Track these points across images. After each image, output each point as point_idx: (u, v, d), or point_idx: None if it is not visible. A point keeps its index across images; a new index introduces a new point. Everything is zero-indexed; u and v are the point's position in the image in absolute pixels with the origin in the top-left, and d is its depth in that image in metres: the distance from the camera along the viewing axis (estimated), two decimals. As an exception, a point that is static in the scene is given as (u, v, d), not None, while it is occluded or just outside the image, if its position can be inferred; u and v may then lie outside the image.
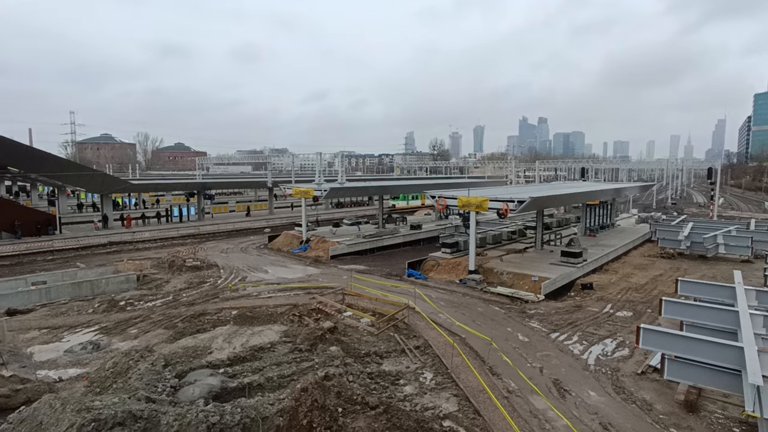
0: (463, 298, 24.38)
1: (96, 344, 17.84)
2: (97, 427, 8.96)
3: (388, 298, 22.96)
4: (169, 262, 31.14)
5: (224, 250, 38.33)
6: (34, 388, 13.02)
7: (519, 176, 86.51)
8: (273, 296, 24.48)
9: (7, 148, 40.03)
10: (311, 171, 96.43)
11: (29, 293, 23.85)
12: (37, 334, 19.37)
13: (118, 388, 12.00)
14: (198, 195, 57.50)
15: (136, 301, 23.80)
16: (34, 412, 9.66)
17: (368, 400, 12.11)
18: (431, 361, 16.55)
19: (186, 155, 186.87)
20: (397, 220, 48.60)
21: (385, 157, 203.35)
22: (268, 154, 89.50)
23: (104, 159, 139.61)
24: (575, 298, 24.75)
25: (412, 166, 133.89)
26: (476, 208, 26.76)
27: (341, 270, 30.92)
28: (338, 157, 59.26)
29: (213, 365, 14.51)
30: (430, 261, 30.91)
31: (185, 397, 11.74)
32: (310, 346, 16.32)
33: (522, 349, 17.64)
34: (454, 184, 55.48)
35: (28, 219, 42.46)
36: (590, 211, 42.08)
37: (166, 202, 74.04)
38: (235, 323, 19.21)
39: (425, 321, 19.98)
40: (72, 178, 47.49)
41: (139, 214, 55.13)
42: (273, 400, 11.28)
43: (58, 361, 16.58)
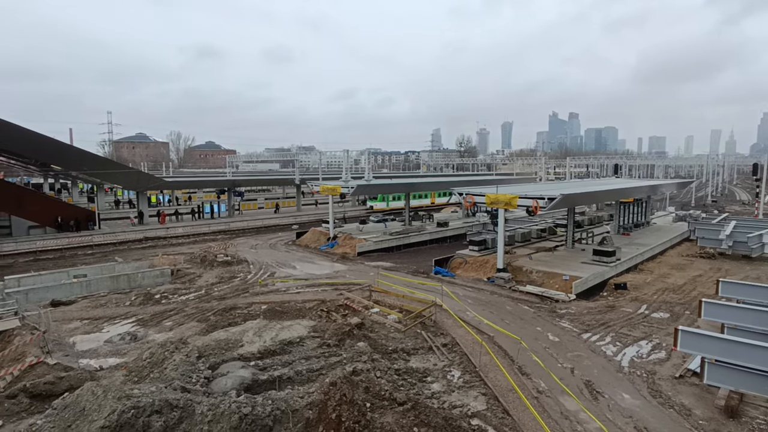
0: (491, 297, 24.10)
1: (133, 335, 18.54)
2: (136, 414, 9.32)
3: (415, 295, 22.90)
4: (201, 258, 31.99)
5: (253, 246, 39.09)
6: (77, 375, 13.63)
7: (549, 173, 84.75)
8: (301, 292, 24.81)
9: (51, 147, 41.95)
10: (338, 168, 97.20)
11: (71, 286, 24.97)
12: (79, 324, 20.28)
13: (155, 377, 12.43)
14: (228, 192, 58.79)
15: (171, 294, 24.56)
16: (78, 399, 10.12)
17: (396, 396, 12.13)
18: (459, 359, 16.44)
19: (216, 153, 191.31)
20: (423, 218, 48.40)
21: (411, 154, 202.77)
22: (296, 152, 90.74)
23: (139, 157, 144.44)
24: (608, 298, 24.08)
25: (438, 163, 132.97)
26: (505, 205, 26.35)
27: (368, 267, 31.05)
28: (365, 155, 59.56)
29: (244, 358, 14.83)
30: (458, 258, 30.67)
31: (218, 388, 12.06)
32: (338, 342, 16.47)
33: (552, 349, 17.29)
34: (481, 181, 54.86)
35: (69, 215, 44.43)
36: (624, 208, 40.80)
37: (198, 198, 76.10)
38: (265, 317, 19.57)
39: (453, 319, 19.85)
40: (110, 175, 49.37)
41: (172, 211, 56.86)
42: (302, 393, 11.45)
43: (99, 351, 17.32)
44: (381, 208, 62.18)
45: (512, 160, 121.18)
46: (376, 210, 61.65)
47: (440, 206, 64.39)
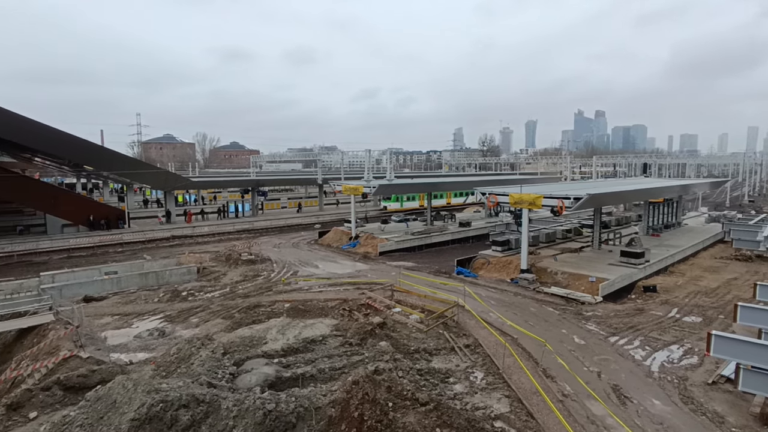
0: (514, 298, 23.77)
1: (161, 331, 19.03)
2: (164, 407, 9.56)
3: (437, 295, 22.79)
4: (226, 256, 32.60)
5: (277, 245, 39.60)
6: (108, 369, 14.07)
7: (574, 172, 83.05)
8: (323, 290, 25.00)
9: (83, 149, 43.53)
10: (359, 168, 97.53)
11: (103, 282, 25.81)
12: (110, 320, 20.94)
13: (182, 372, 12.72)
14: (252, 192, 59.72)
15: (197, 291, 25.10)
16: (109, 391, 10.44)
17: (418, 397, 12.08)
18: (482, 360, 16.27)
19: (240, 153, 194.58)
20: (445, 218, 48.11)
21: (433, 153, 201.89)
22: (318, 152, 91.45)
23: (166, 158, 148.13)
24: (636, 301, 23.43)
25: (460, 163, 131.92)
26: (529, 205, 25.95)
27: (390, 266, 31.05)
28: (386, 154, 59.58)
29: (268, 355, 15.04)
30: (480, 259, 30.36)
31: (243, 384, 12.26)
32: (360, 341, 16.52)
33: (578, 352, 16.93)
34: (504, 181, 54.14)
35: (101, 214, 45.94)
36: (653, 209, 39.62)
37: (223, 198, 77.53)
38: (288, 315, 19.79)
39: (475, 320, 19.66)
40: (139, 175, 50.83)
41: (198, 210, 58.13)
42: (325, 391, 11.53)
43: (129, 346, 17.84)
44: (395, 209, 61.22)
45: (536, 160, 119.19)
46: (390, 210, 60.78)
47: (456, 206, 63.37)
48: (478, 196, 65.85)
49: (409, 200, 63.54)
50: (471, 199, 67.06)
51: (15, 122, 36.27)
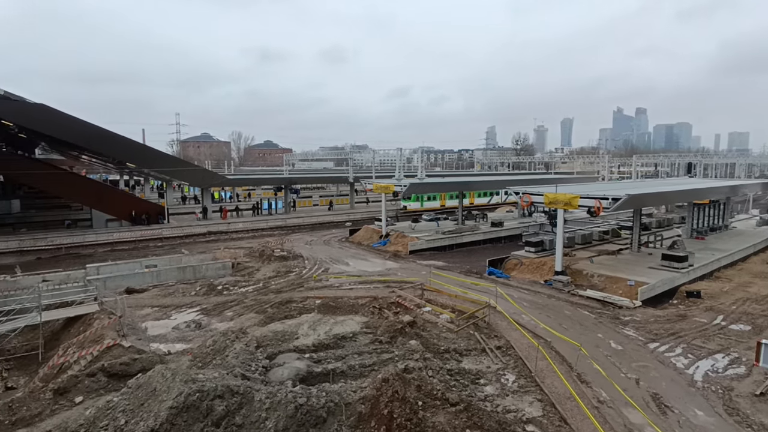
0: (548, 300, 23.22)
1: (198, 323, 19.67)
2: (201, 397, 9.87)
3: (467, 295, 22.55)
4: (259, 252, 33.32)
5: (308, 242, 40.17)
6: (148, 358, 14.65)
7: (612, 172, 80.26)
8: (354, 288, 25.18)
9: (127, 147, 45.48)
10: (390, 167, 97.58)
11: (143, 275, 26.90)
12: (150, 311, 21.80)
13: (217, 364, 13.09)
14: (285, 189, 60.81)
15: (231, 286, 25.79)
16: (149, 380, 10.87)
17: (448, 397, 11.99)
18: (513, 362, 15.98)
19: (274, 152, 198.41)
20: (477, 217, 47.53)
21: (465, 152, 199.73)
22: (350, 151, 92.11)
23: (203, 156, 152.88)
24: (678, 307, 22.45)
25: (493, 162, 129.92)
26: (564, 205, 25.27)
27: (420, 265, 30.94)
28: (418, 153, 59.20)
29: (299, 350, 15.27)
30: (513, 260, 29.82)
31: (275, 378, 12.50)
32: (390, 339, 16.53)
33: (615, 358, 16.38)
34: (539, 180, 53.00)
35: (142, 209, 47.88)
36: (698, 210, 37.83)
37: (257, 195, 79.28)
38: (319, 312, 20.04)
39: (507, 321, 19.32)
40: (178, 173, 52.66)
41: (233, 207, 59.66)
42: (355, 388, 11.60)
43: (167, 336, 18.52)
44: (414, 209, 59.23)
45: (572, 159, 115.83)
46: (410, 210, 59.05)
47: (480, 206, 61.57)
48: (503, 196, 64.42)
49: (430, 200, 61.62)
50: (496, 199, 65.58)
51: (65, 122, 38.27)
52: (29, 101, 37.07)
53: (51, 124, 38.88)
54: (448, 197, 62.74)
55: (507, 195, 66.55)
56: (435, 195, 61.42)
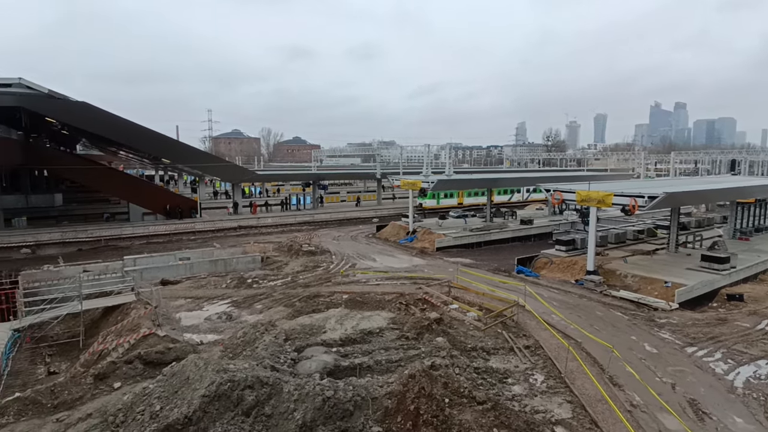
0: (579, 300, 22.66)
1: (229, 315, 20.17)
2: (231, 387, 10.13)
3: (495, 293, 22.28)
4: (288, 246, 33.85)
5: (336, 238, 40.52)
6: (182, 347, 15.13)
7: (648, 169, 77.34)
8: (381, 284, 25.24)
9: (162, 143, 47.02)
10: (418, 163, 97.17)
11: (177, 267, 27.76)
12: (183, 302, 22.49)
13: (247, 355, 13.39)
14: (313, 185, 61.46)
15: (261, 279, 26.30)
16: (183, 368, 11.22)
17: (475, 395, 11.89)
18: (542, 362, 15.70)
19: (302, 148, 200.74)
20: (506, 214, 46.80)
21: (493, 148, 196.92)
22: (377, 147, 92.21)
23: (234, 152, 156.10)
24: (718, 310, 21.50)
25: (523, 158, 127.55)
26: (597, 203, 24.55)
27: (447, 262, 30.75)
28: (446, 149, 58.77)
29: (327, 344, 15.44)
30: (543, 258, 29.23)
31: (303, 370, 12.69)
32: (417, 335, 16.50)
33: (649, 361, 15.85)
34: (570, 177, 51.66)
35: (176, 204, 49.37)
36: (742, 210, 36.06)
37: (285, 191, 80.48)
38: (346, 307, 20.21)
39: (536, 320, 18.98)
40: (210, 168, 54.07)
41: (262, 202, 60.77)
42: (382, 383, 11.65)
43: (200, 327, 19.08)
44: (431, 206, 56.64)
45: (606, 155, 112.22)
46: (426, 208, 56.66)
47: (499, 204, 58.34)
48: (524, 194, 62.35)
49: (447, 197, 58.80)
50: (516, 197, 63.52)
51: (105, 119, 39.84)
52: (72, 99, 38.76)
53: (92, 121, 40.57)
54: (465, 194, 60.38)
55: (529, 192, 64.86)
56: (452, 192, 58.72)
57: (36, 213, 47.08)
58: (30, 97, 35.90)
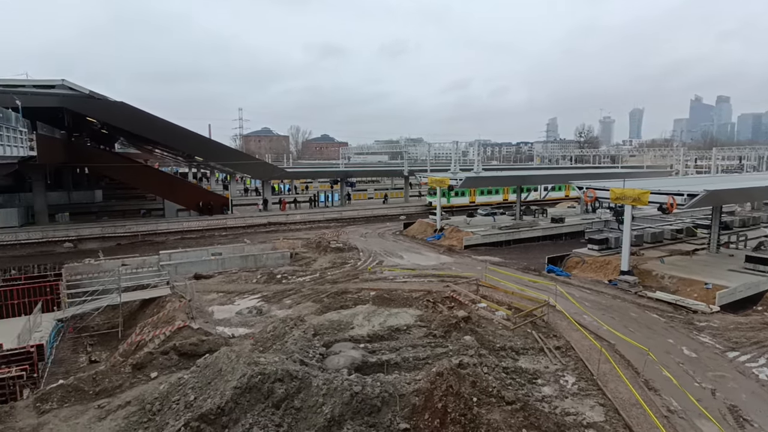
0: (612, 301, 22.01)
1: (259, 309, 20.59)
2: (262, 379, 10.34)
3: (525, 292, 21.90)
4: (316, 243, 34.25)
5: (363, 235, 40.71)
6: (214, 340, 15.57)
7: (688, 166, 74.08)
8: (408, 281, 25.22)
9: (196, 141, 48.37)
10: (446, 160, 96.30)
11: (210, 262, 28.54)
12: (216, 296, 23.10)
13: (277, 349, 13.65)
14: (341, 182, 61.93)
15: (290, 275, 26.72)
16: (216, 360, 11.54)
17: (504, 395, 11.74)
18: (573, 364, 15.35)
19: (330, 146, 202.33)
20: (536, 212, 45.89)
21: (523, 145, 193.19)
22: (404, 144, 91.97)
23: (264, 150, 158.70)
24: (764, 314, 20.45)
25: (554, 155, 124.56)
26: (633, 201, 23.74)
27: (475, 260, 30.43)
28: (474, 146, 58.06)
29: (354, 340, 15.56)
30: (574, 257, 28.53)
31: (331, 365, 12.83)
32: (444, 333, 16.42)
33: (688, 365, 15.26)
34: (604, 174, 50.18)
35: (208, 200, 50.70)
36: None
37: (314, 188, 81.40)
38: (374, 303, 20.29)
39: (567, 321, 18.57)
40: (241, 165, 55.25)
41: (291, 199, 61.66)
42: (409, 380, 11.65)
43: (231, 321, 19.57)
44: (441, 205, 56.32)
45: (642, 152, 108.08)
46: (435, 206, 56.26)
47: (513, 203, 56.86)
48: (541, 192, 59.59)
49: (458, 196, 55.90)
50: (533, 196, 60.00)
51: (142, 118, 41.30)
52: (111, 99, 40.34)
53: (129, 120, 42.11)
54: (478, 193, 57.85)
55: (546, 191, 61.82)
56: (464, 191, 55.84)
57: (77, 209, 49.33)
58: (72, 97, 37.62)
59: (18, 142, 24.16)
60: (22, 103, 27.13)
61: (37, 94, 34.88)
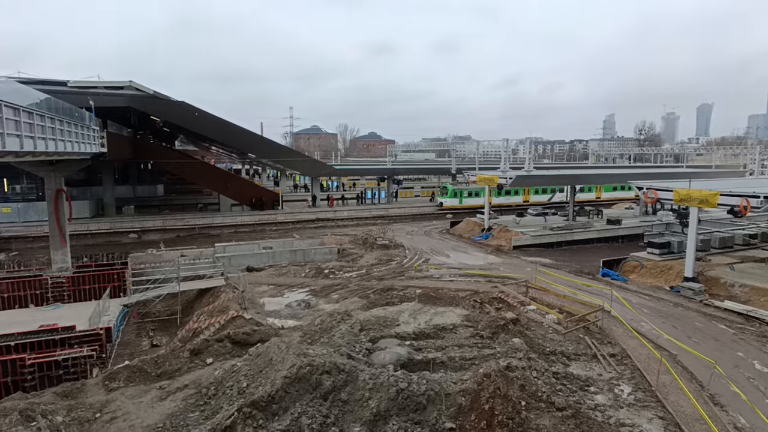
0: (674, 309, 20.70)
1: (307, 303, 21.10)
2: (310, 370, 10.61)
3: (577, 296, 21.06)
4: (362, 240, 34.61)
5: (409, 232, 40.68)
6: (265, 331, 16.11)
7: (765, 165, 68.10)
8: (454, 280, 24.95)
9: (249, 139, 50.30)
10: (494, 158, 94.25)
11: (261, 255, 29.55)
12: (266, 288, 23.91)
13: (325, 342, 13.93)
14: (388, 180, 62.19)
15: (337, 270, 27.17)
16: (267, 350, 11.96)
17: (554, 401, 11.39)
18: (629, 373, 14.60)
19: (377, 143, 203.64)
20: (590, 213, 43.97)
21: (577, 143, 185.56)
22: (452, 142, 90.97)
23: (312, 147, 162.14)
24: None
25: (611, 153, 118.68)
26: (699, 203, 22.17)
27: (524, 261, 29.61)
28: (525, 143, 56.43)
29: (400, 336, 15.59)
30: (632, 261, 27.08)
31: (377, 361, 12.94)
32: (492, 334, 16.11)
33: (760, 381, 14.10)
34: (667, 174, 47.31)
35: (260, 196, 52.56)
36: None
37: (360, 185, 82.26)
38: (420, 301, 20.24)
39: (624, 327, 17.67)
40: (292, 162, 56.84)
41: (339, 196, 62.67)
42: (456, 380, 11.53)
43: (281, 313, 20.18)
44: (451, 206, 52.85)
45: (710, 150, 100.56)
46: (446, 207, 52.68)
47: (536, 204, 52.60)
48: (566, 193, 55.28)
49: (471, 196, 53.56)
50: (559, 197, 55.92)
51: (200, 117, 43.41)
52: (172, 99, 42.67)
53: (189, 119, 44.40)
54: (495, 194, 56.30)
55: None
56: (479, 191, 52.14)
57: (141, 202, 52.69)
58: (138, 97, 40.17)
59: (91, 140, 26.06)
60: (94, 104, 29.26)
61: (108, 95, 37.52)
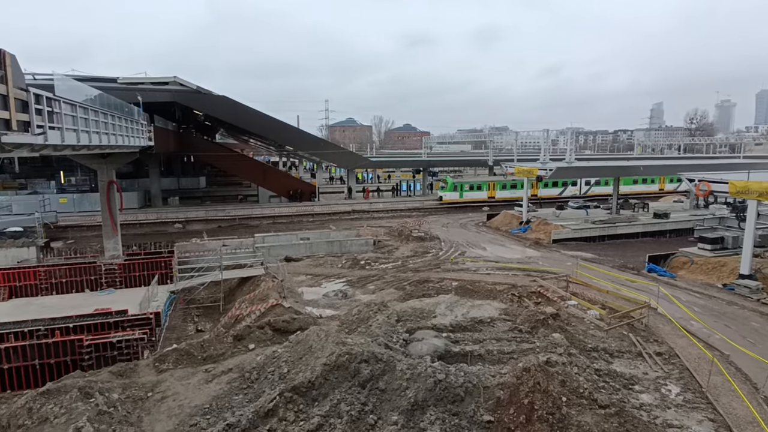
0: (727, 307, 19.63)
1: (344, 293, 21.41)
2: (349, 359, 10.78)
3: (621, 292, 20.35)
4: (398, 231, 34.67)
5: (445, 225, 40.39)
6: (304, 319, 16.49)
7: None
8: (491, 273, 24.62)
9: (287, 132, 51.21)
10: (533, 149, 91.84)
11: (298, 246, 30.16)
12: (304, 278, 24.41)
13: (362, 332, 14.10)
14: (423, 172, 61.87)
15: (373, 262, 27.38)
16: (306, 338, 12.24)
17: (597, 398, 11.08)
18: (678, 373, 14.01)
19: (412, 135, 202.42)
20: (635, 206, 42.19)
21: (622, 133, 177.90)
22: (488, 133, 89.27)
23: (348, 140, 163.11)
24: None
25: (658, 144, 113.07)
26: (759, 196, 20.83)
27: (564, 255, 28.82)
28: (567, 134, 54.60)
29: (437, 328, 15.56)
30: (681, 257, 25.84)
31: (414, 351, 12.99)
32: (531, 329, 15.82)
33: (823, 386, 13.18)
34: (721, 165, 44.67)
35: (298, 188, 53.52)
36: None
37: (396, 177, 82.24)
38: (456, 294, 20.11)
39: (671, 325, 16.95)
40: (328, 155, 57.49)
41: (374, 188, 62.94)
42: (494, 373, 11.43)
43: (319, 302, 20.58)
44: (451, 200, 51.21)
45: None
46: (446, 201, 51.20)
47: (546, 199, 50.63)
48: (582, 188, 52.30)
49: (473, 190, 52.12)
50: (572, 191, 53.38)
51: (241, 111, 44.58)
52: (214, 94, 43.95)
53: (230, 113, 45.68)
54: (499, 187, 52.53)
55: (589, 186, 53.90)
56: (481, 185, 52.19)
57: (185, 194, 54.79)
58: (182, 92, 41.63)
59: (140, 134, 27.28)
60: (142, 99, 30.58)
61: (154, 90, 39.08)
